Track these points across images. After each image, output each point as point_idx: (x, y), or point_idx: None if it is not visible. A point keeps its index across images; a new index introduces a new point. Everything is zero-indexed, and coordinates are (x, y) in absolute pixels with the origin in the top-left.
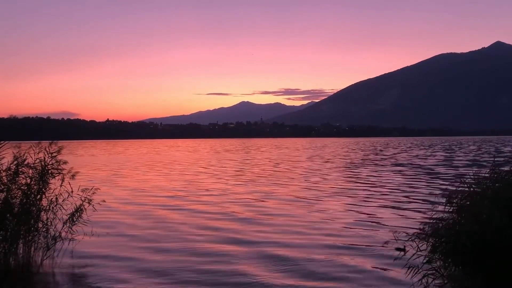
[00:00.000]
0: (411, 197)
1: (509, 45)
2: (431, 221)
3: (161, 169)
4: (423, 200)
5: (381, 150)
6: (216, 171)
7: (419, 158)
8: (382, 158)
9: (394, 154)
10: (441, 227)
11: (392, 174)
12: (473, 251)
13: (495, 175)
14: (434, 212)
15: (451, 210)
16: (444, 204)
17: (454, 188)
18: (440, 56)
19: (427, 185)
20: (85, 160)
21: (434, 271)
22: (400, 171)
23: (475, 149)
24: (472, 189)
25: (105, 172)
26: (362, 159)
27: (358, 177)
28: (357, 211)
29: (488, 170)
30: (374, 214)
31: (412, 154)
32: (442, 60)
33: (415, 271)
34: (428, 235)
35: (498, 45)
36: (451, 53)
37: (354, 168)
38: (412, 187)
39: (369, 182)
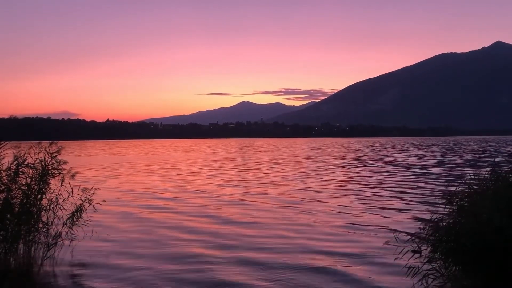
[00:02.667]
0: (407, 198)
1: (509, 44)
2: (432, 221)
3: (149, 170)
4: (420, 200)
5: (379, 150)
6: (207, 172)
7: (417, 159)
8: (378, 158)
9: (392, 154)
10: (441, 227)
11: (388, 174)
12: (473, 251)
13: (495, 175)
14: (434, 212)
15: (451, 210)
16: (444, 204)
17: (455, 188)
18: (441, 56)
19: (425, 186)
20: (80, 160)
21: (434, 271)
22: (396, 171)
23: (473, 149)
24: (472, 189)
25: (97, 172)
26: (358, 159)
27: (352, 178)
28: (352, 212)
29: (487, 170)
30: (370, 215)
31: (410, 154)
32: (443, 60)
33: (416, 271)
34: (429, 235)
35: (499, 45)
36: (451, 53)
37: (349, 168)
38: (409, 187)
39: (364, 183)
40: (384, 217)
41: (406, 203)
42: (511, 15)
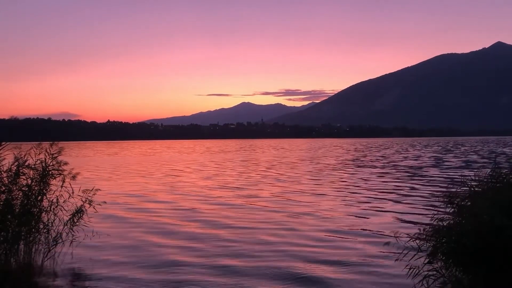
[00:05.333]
0: (406, 199)
1: (509, 45)
2: (432, 222)
3: (140, 171)
4: (420, 202)
5: (377, 151)
6: (194, 173)
7: (415, 160)
8: (376, 159)
9: (391, 155)
10: (442, 228)
11: (386, 175)
12: (474, 252)
13: (496, 176)
14: (434, 213)
15: (451, 211)
16: (444, 204)
17: (454, 189)
18: (441, 56)
19: (424, 187)
20: (72, 162)
21: (435, 272)
22: (395, 172)
23: (473, 150)
24: (472, 189)
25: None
26: (355, 160)
27: (348, 179)
28: (351, 214)
29: (488, 171)
30: (369, 217)
31: (409, 155)
32: (443, 60)
33: (416, 272)
34: (429, 236)
35: (499, 46)
36: (452, 54)
37: (346, 170)
38: (408, 189)
39: (361, 185)
40: (383, 218)
41: (405, 204)
42: (511, 16)
